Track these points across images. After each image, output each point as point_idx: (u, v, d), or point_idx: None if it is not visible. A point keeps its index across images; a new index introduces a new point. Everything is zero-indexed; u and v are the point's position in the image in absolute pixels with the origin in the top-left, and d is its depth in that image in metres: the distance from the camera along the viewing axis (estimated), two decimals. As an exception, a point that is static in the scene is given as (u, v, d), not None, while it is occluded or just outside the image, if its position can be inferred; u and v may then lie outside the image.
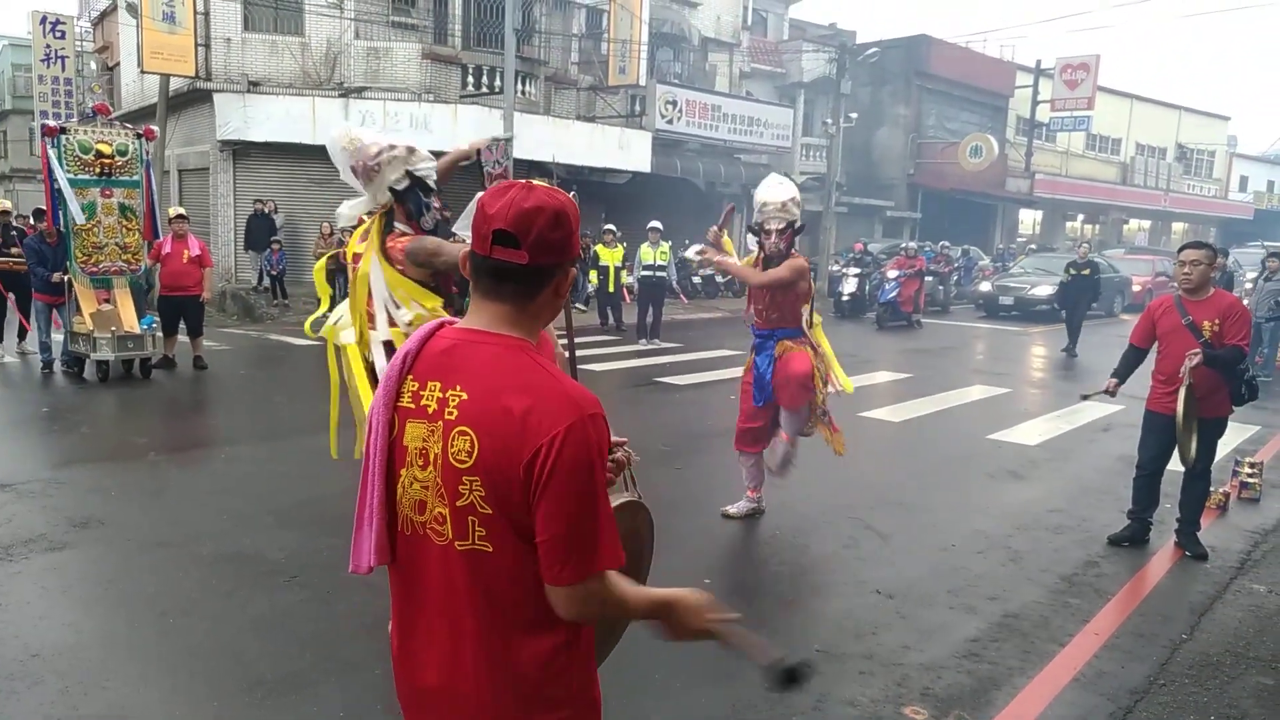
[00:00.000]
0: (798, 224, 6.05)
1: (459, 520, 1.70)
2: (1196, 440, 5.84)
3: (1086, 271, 16.39)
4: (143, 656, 4.24)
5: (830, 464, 6.84)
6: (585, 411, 1.66)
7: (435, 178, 4.23)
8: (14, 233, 12.58)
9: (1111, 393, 6.31)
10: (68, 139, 10.49)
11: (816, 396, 6.13)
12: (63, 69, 23.93)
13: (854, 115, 29.85)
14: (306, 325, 4.71)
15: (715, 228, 6.26)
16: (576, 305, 18.50)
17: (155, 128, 12.08)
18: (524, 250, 1.69)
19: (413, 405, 1.77)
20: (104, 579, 5.12)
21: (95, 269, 10.78)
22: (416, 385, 1.78)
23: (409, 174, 4.12)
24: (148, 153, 11.29)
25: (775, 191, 6.07)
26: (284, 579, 5.13)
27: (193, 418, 9.76)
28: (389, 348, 4.20)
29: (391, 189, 4.14)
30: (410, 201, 4.16)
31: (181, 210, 12.15)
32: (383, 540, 1.82)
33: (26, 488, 6.58)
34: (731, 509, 6.46)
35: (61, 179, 10.38)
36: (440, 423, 1.71)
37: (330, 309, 4.76)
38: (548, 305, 1.81)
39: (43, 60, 23.71)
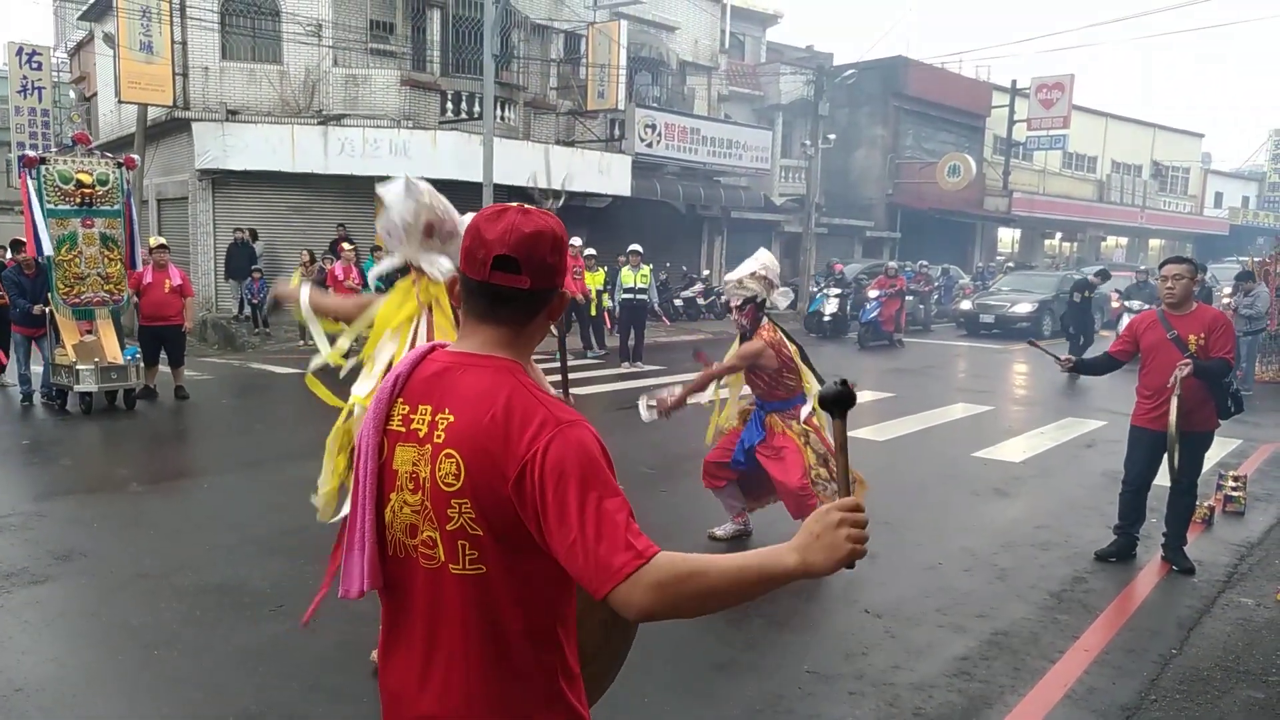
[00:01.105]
0: (759, 298, 6.05)
1: (450, 544, 1.68)
2: (1181, 453, 5.85)
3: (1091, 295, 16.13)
4: (127, 689, 4.19)
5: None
6: (565, 420, 1.64)
7: None
8: None
9: (1062, 366, 6.22)
10: (47, 169, 10.42)
11: (820, 486, 5.98)
12: (39, 100, 23.85)
13: (832, 136, 30.08)
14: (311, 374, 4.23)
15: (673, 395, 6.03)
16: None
17: (136, 156, 11.99)
18: (525, 275, 1.69)
19: (403, 429, 1.76)
20: (87, 612, 5.05)
21: (77, 300, 10.69)
22: (407, 409, 1.77)
23: None
24: (128, 182, 11.21)
25: (736, 270, 6.16)
26: (268, 609, 5.08)
27: (174, 448, 9.68)
28: None
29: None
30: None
31: (162, 240, 12.06)
32: (374, 565, 1.79)
33: (7, 521, 6.50)
34: (719, 531, 6.45)
35: (37, 212, 10.25)
36: (429, 446, 1.70)
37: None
38: (540, 328, 1.81)
39: (19, 91, 23.63)
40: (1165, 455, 5.89)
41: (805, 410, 6.17)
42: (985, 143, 39.09)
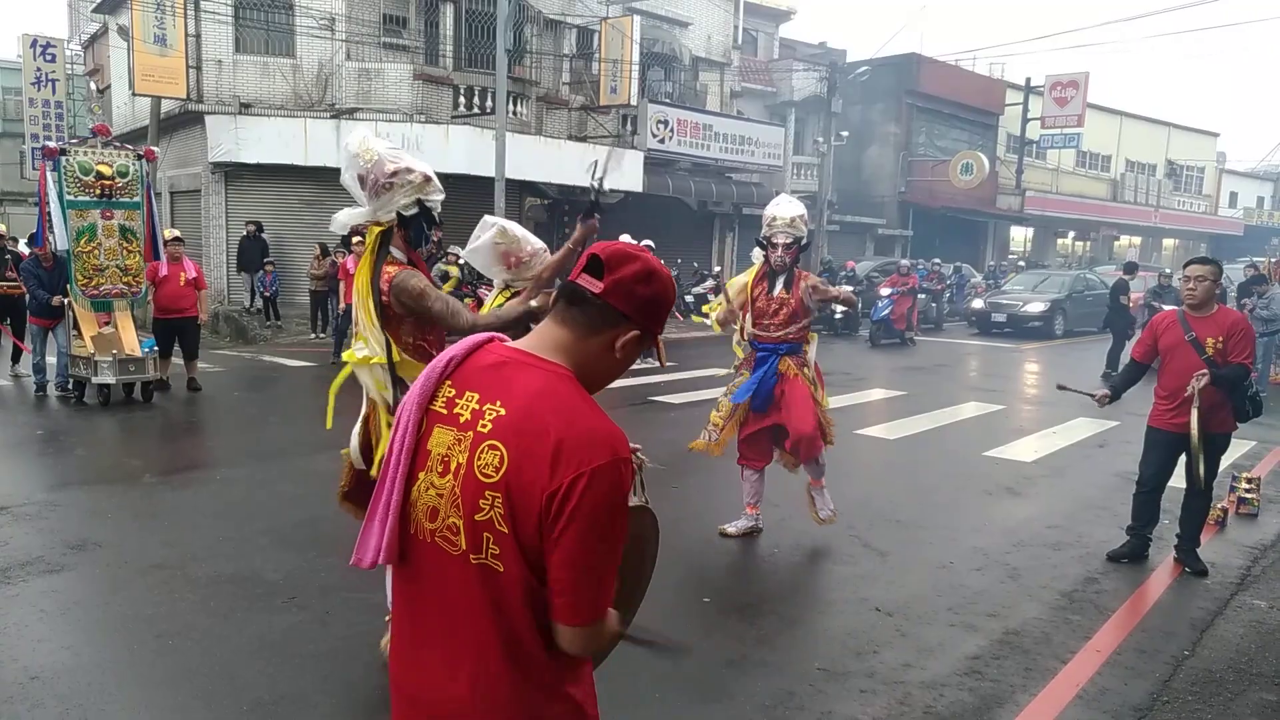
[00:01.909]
0: (803, 240, 6.22)
1: (474, 534, 1.69)
2: (1203, 458, 5.81)
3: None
4: (141, 678, 4.21)
5: (828, 482, 6.84)
6: (618, 454, 1.67)
7: (439, 210, 4.15)
8: (9, 256, 12.51)
9: (1100, 402, 6.17)
10: (68, 160, 10.38)
11: (826, 427, 6.32)
12: (53, 92, 23.98)
13: (845, 134, 30.02)
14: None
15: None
16: None
17: (156, 149, 11.98)
18: (602, 281, 1.74)
19: (445, 411, 1.78)
20: (101, 601, 5.08)
21: (96, 292, 10.68)
22: (453, 392, 1.79)
23: (420, 202, 4.02)
24: (147, 174, 11.18)
25: (784, 208, 6.23)
26: (281, 600, 5.10)
27: (187, 440, 9.71)
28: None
29: (400, 214, 4.03)
30: (414, 229, 4.07)
31: (177, 233, 12.07)
32: (393, 540, 1.81)
33: (22, 510, 6.54)
34: (730, 528, 6.45)
35: (54, 204, 10.23)
36: (470, 434, 1.71)
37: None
38: (603, 354, 1.80)
39: (33, 83, 23.75)
40: (1186, 461, 5.86)
41: (811, 352, 6.39)
42: (999, 141, 39.02)
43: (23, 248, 13.49)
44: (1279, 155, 56.46)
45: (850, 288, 21.46)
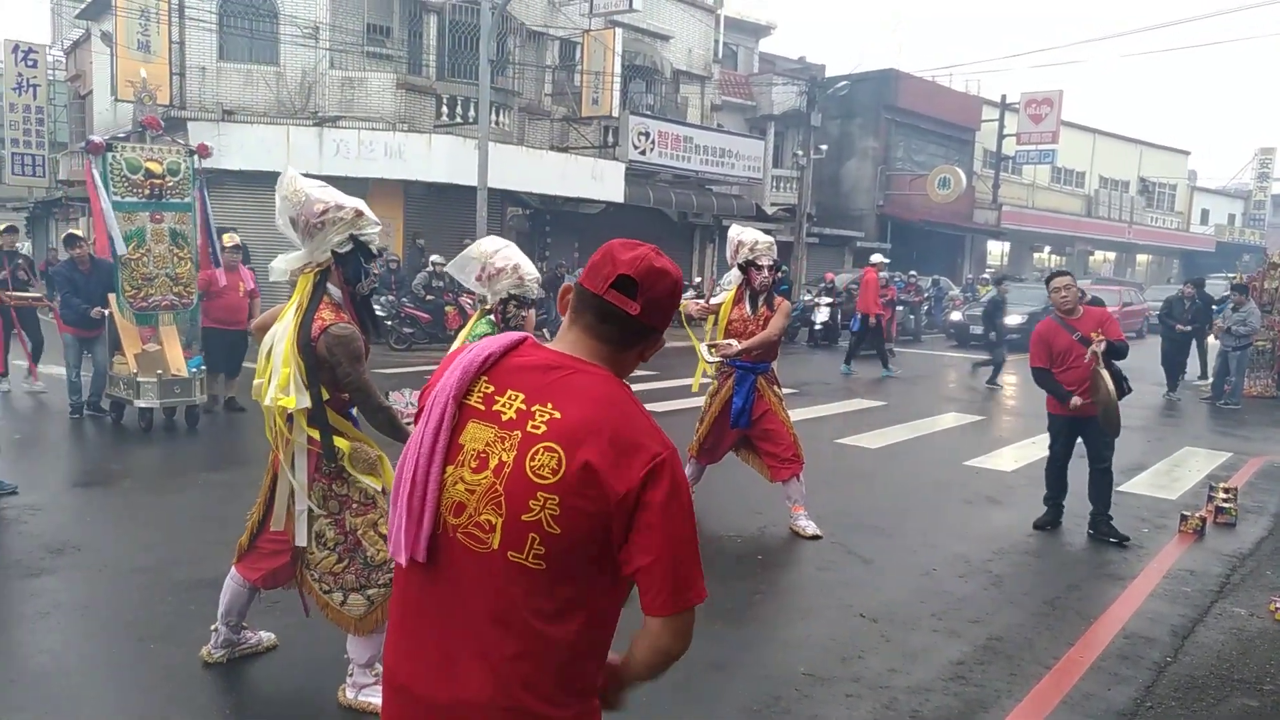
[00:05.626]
0: (779, 264, 6.80)
1: (516, 533, 1.68)
2: (1096, 435, 6.74)
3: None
4: (122, 682, 4.17)
5: (811, 489, 6.87)
6: (669, 446, 1.73)
7: (379, 243, 4.07)
8: (20, 260, 11.49)
9: (1078, 406, 6.70)
10: (114, 157, 9.29)
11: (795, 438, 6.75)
12: (34, 97, 23.83)
13: (824, 147, 30.16)
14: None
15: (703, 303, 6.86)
16: (542, 331, 18.50)
17: (209, 143, 10.92)
18: (637, 302, 1.76)
19: (481, 407, 1.77)
20: (81, 605, 5.03)
21: (144, 304, 9.51)
22: (491, 389, 1.78)
23: (353, 238, 3.91)
24: (199, 172, 10.18)
25: (762, 235, 6.68)
26: (263, 604, 5.05)
27: (167, 444, 9.58)
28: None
29: (334, 251, 3.93)
30: (350, 266, 3.96)
31: (237, 240, 10.99)
32: (429, 536, 1.76)
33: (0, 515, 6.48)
34: None
35: (105, 204, 9.17)
36: (518, 433, 1.70)
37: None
38: (632, 362, 1.87)
39: (14, 89, 23.60)
40: (1089, 439, 6.73)
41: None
42: (975, 156, 39.31)
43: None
44: (1248, 174, 56.90)
45: (830, 299, 21.61)
